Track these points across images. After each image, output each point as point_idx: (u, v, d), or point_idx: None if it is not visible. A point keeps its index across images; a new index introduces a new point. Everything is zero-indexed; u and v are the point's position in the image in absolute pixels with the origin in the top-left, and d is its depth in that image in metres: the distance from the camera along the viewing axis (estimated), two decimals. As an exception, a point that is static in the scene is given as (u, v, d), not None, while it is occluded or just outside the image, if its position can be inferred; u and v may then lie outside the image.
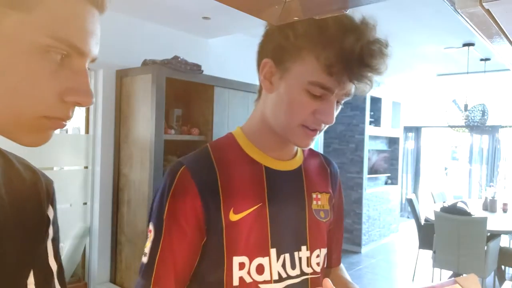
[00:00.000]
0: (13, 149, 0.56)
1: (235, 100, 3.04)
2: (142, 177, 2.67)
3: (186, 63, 2.72)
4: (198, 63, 2.79)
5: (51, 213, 0.57)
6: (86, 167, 2.90)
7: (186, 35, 3.33)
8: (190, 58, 2.80)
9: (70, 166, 2.97)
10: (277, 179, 0.82)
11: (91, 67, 2.77)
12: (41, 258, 0.54)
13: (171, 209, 0.74)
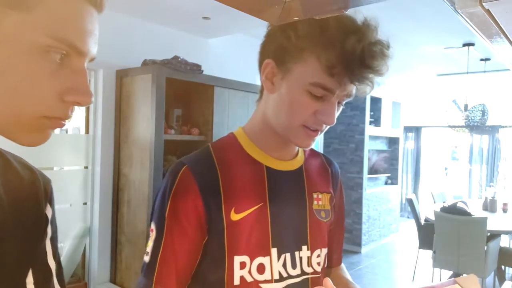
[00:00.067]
0: (13, 149, 0.56)
1: (235, 100, 3.04)
2: (142, 177, 2.67)
3: (186, 63, 2.72)
4: (198, 63, 2.79)
5: (49, 212, 0.57)
6: (86, 167, 2.90)
7: (186, 35, 3.33)
8: (190, 58, 2.80)
9: (70, 166, 2.97)
10: (278, 179, 0.82)
11: (91, 67, 2.77)
12: (40, 257, 0.54)
13: (172, 208, 0.75)
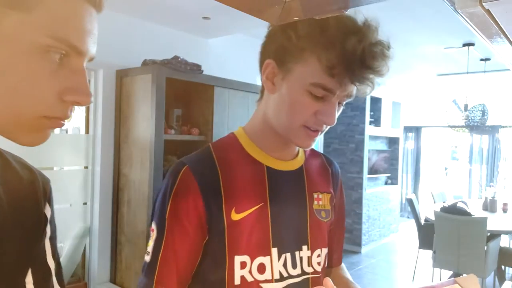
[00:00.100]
0: (13, 149, 0.56)
1: (235, 100, 3.04)
2: (142, 177, 2.67)
3: (186, 63, 2.71)
4: (198, 63, 2.79)
5: (48, 212, 0.57)
6: (86, 167, 2.90)
7: (186, 35, 3.33)
8: (190, 58, 2.80)
9: (70, 166, 2.97)
10: (278, 179, 0.82)
11: (91, 67, 2.77)
12: (39, 256, 0.54)
13: (173, 208, 0.75)
